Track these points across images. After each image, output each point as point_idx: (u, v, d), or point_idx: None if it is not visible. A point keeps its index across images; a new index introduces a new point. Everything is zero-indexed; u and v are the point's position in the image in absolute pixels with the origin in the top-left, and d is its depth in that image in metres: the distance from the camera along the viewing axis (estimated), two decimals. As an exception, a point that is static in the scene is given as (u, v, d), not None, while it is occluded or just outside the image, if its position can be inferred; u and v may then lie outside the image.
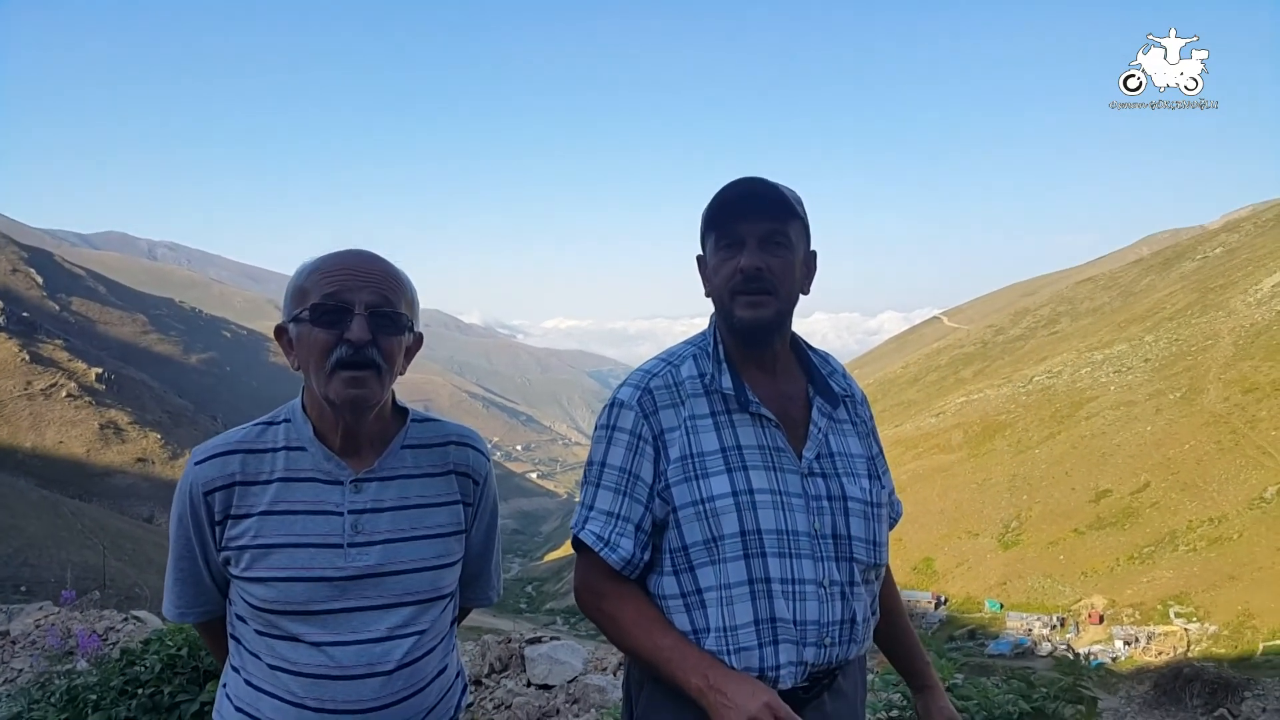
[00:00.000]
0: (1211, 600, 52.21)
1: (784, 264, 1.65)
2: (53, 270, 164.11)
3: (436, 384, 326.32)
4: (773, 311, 1.66)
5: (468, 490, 1.75)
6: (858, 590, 1.67)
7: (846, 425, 1.78)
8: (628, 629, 1.62)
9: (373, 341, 1.52)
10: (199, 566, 1.63)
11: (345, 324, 1.52)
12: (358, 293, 1.53)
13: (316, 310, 1.53)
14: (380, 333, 1.54)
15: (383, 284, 1.57)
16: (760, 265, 1.62)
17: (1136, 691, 10.73)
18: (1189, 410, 75.70)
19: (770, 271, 1.63)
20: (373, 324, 1.53)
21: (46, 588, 37.98)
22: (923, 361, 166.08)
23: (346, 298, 1.53)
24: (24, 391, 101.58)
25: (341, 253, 1.59)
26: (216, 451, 1.60)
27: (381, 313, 1.54)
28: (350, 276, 1.54)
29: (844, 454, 1.73)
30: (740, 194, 1.63)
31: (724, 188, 1.65)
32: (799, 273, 1.70)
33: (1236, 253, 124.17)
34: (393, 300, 1.57)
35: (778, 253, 1.64)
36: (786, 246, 1.65)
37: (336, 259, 1.57)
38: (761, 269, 1.62)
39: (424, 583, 1.62)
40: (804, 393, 1.77)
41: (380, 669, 1.56)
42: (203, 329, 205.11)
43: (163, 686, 3.64)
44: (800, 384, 1.78)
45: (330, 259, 1.58)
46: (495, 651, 6.83)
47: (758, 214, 1.63)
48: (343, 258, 1.57)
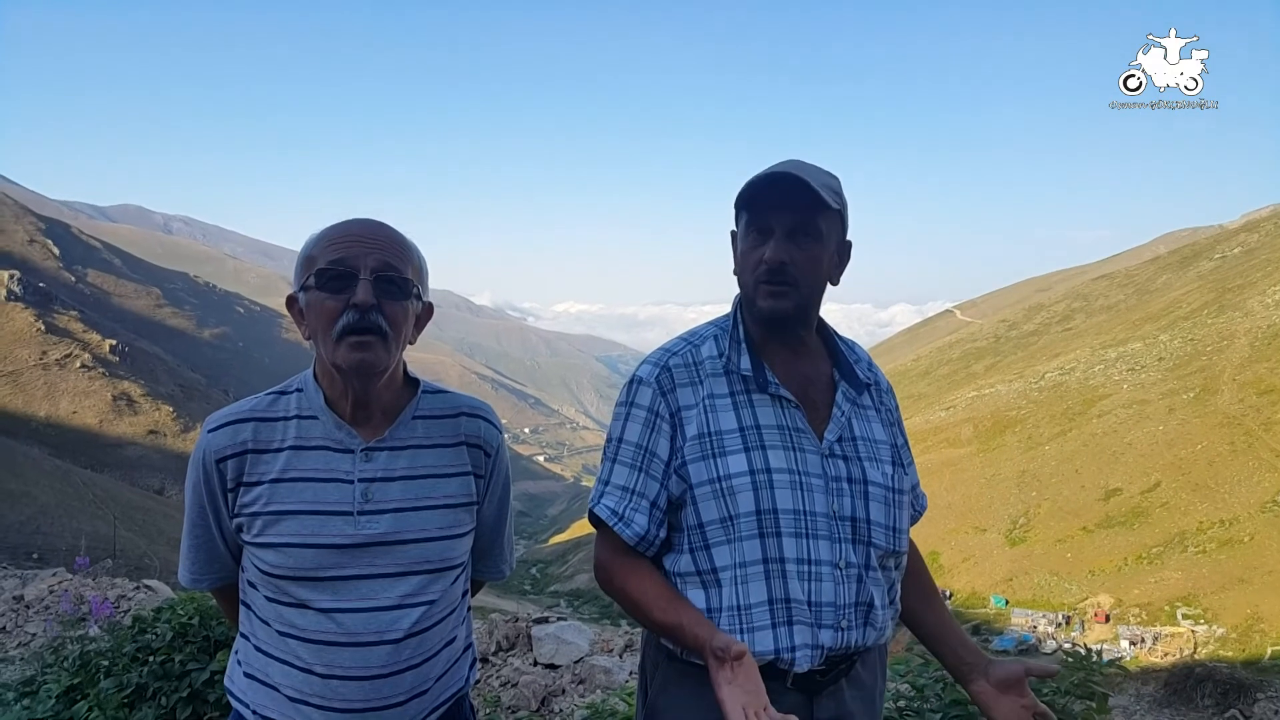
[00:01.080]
0: (1220, 603, 52.07)
1: (810, 257, 1.62)
2: (69, 242, 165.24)
3: (446, 364, 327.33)
4: (792, 304, 1.64)
5: (479, 462, 1.75)
6: (874, 575, 1.65)
7: (871, 411, 1.76)
8: (646, 602, 1.62)
9: (377, 306, 1.53)
10: (213, 533, 1.64)
11: (351, 289, 1.52)
12: (363, 258, 1.54)
13: (323, 276, 1.54)
14: (385, 297, 1.54)
15: (388, 249, 1.57)
16: (785, 259, 1.60)
17: (1146, 690, 10.71)
18: (1202, 411, 75.34)
19: (795, 265, 1.61)
20: (378, 288, 1.53)
21: (58, 555, 38.38)
22: (934, 355, 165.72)
23: (352, 263, 1.53)
24: (39, 361, 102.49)
25: (348, 221, 1.60)
26: (229, 420, 1.62)
27: (387, 277, 1.55)
28: (356, 242, 1.55)
29: (867, 439, 1.71)
30: (773, 182, 1.60)
31: (763, 173, 1.62)
32: (828, 264, 1.67)
33: (1256, 253, 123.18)
34: (398, 266, 1.57)
35: (805, 245, 1.61)
36: (815, 239, 1.62)
37: (343, 227, 1.59)
38: (786, 263, 1.60)
39: (434, 552, 1.63)
40: (828, 376, 1.75)
41: (389, 636, 1.56)
42: (216, 304, 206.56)
43: (174, 654, 3.68)
44: (825, 367, 1.76)
45: (337, 227, 1.59)
46: (503, 630, 6.85)
47: (789, 205, 1.60)
48: (349, 226, 1.59)
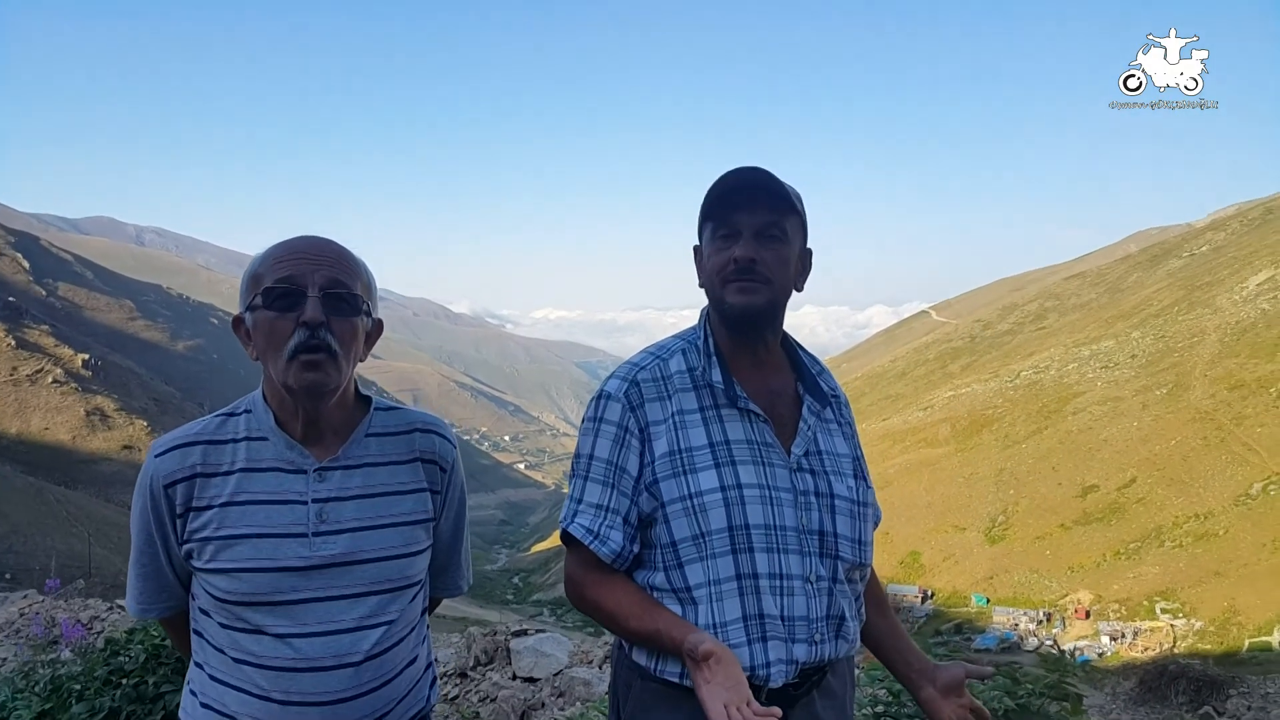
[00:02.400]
0: (1198, 596, 52.67)
1: (779, 257, 1.63)
2: (39, 255, 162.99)
3: (425, 373, 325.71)
4: (764, 299, 1.64)
5: (435, 478, 1.73)
6: (842, 588, 1.66)
7: (834, 425, 1.78)
8: (621, 611, 1.61)
9: (326, 324, 1.50)
10: (161, 561, 1.61)
11: (300, 306, 1.50)
12: (311, 275, 1.51)
13: (270, 294, 1.51)
14: (335, 315, 1.52)
15: (336, 266, 1.55)
16: (754, 256, 1.61)
17: (1122, 688, 10.82)
18: (1175, 406, 76.21)
19: (764, 263, 1.61)
20: (327, 306, 1.51)
21: (31, 575, 37.82)
22: (911, 355, 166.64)
23: (300, 280, 1.51)
24: (10, 377, 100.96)
25: (295, 239, 1.58)
26: (176, 444, 1.58)
27: (335, 294, 1.53)
28: (303, 260, 1.53)
29: (831, 453, 1.72)
30: (739, 184, 1.62)
31: (722, 177, 1.63)
32: (794, 268, 1.69)
33: (1223, 250, 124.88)
34: (346, 282, 1.55)
35: (773, 245, 1.63)
36: (782, 240, 1.63)
37: (289, 245, 1.56)
38: (755, 260, 1.61)
39: (392, 571, 1.61)
40: (793, 390, 1.76)
41: (349, 660, 1.54)
42: (190, 315, 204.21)
43: (147, 677, 3.61)
44: (789, 381, 1.77)
45: (283, 245, 1.56)
46: (481, 644, 6.82)
47: (755, 205, 1.61)
48: (296, 243, 1.56)
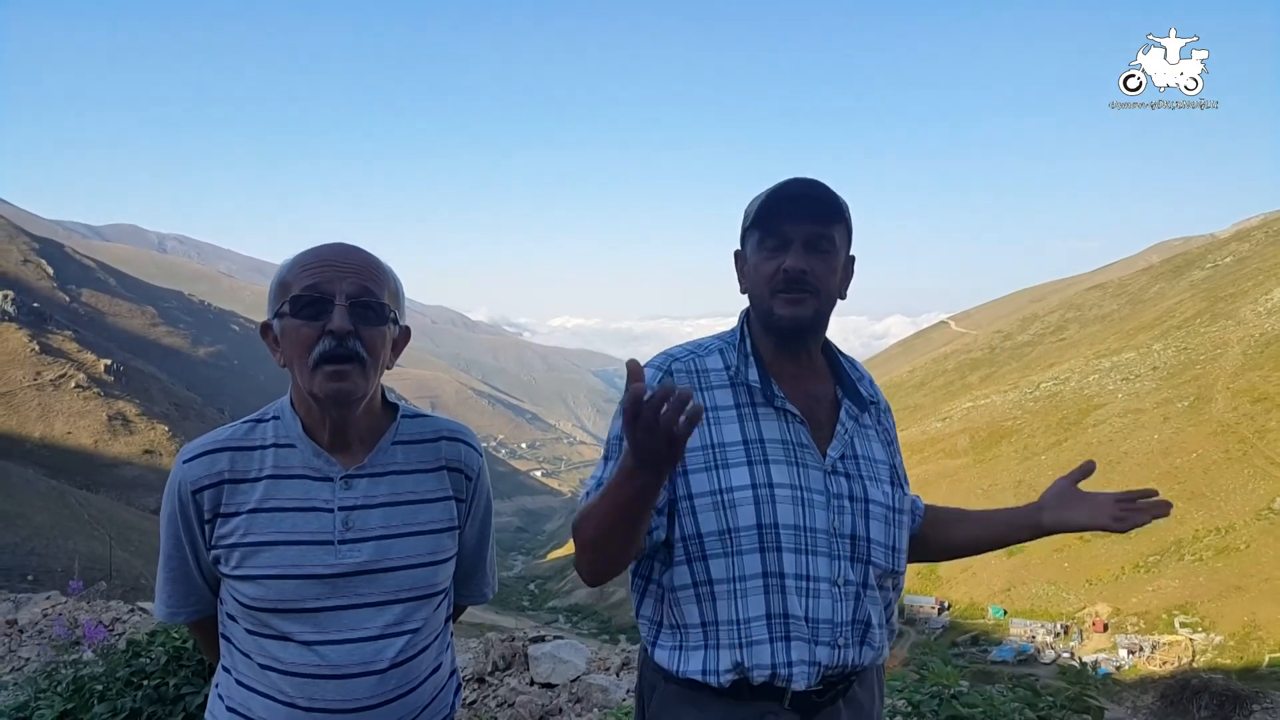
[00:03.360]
0: (1217, 610, 52.07)
1: (827, 267, 1.65)
2: (63, 262, 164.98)
3: (442, 380, 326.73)
4: (812, 311, 1.65)
5: (460, 486, 1.72)
6: (872, 594, 1.66)
7: (871, 431, 1.78)
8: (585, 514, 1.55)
9: (354, 333, 1.50)
10: (189, 565, 1.61)
11: (327, 315, 1.49)
12: (338, 283, 1.51)
13: (297, 303, 1.51)
14: (362, 324, 1.51)
15: (363, 274, 1.54)
16: (804, 268, 1.62)
17: (1142, 702, 10.69)
18: (1197, 419, 75.48)
19: (813, 274, 1.63)
20: (354, 315, 1.50)
21: (53, 577, 38.15)
22: (929, 366, 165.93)
23: (327, 289, 1.50)
24: (33, 381, 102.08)
25: (322, 246, 1.57)
26: (205, 450, 1.58)
27: (363, 303, 1.52)
28: (331, 268, 1.52)
29: (868, 458, 1.72)
30: (789, 194, 1.64)
31: (775, 187, 1.65)
32: (840, 276, 1.71)
33: (1247, 261, 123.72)
34: (374, 290, 1.54)
35: (822, 256, 1.65)
36: (831, 249, 1.66)
37: (316, 252, 1.55)
38: (805, 271, 1.62)
39: (417, 579, 1.60)
40: (832, 395, 1.76)
41: (374, 668, 1.54)
42: (211, 322, 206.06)
43: (168, 678, 3.64)
44: (828, 386, 1.77)
45: (310, 253, 1.55)
46: (499, 650, 6.83)
47: (806, 216, 1.63)
48: (323, 251, 1.55)
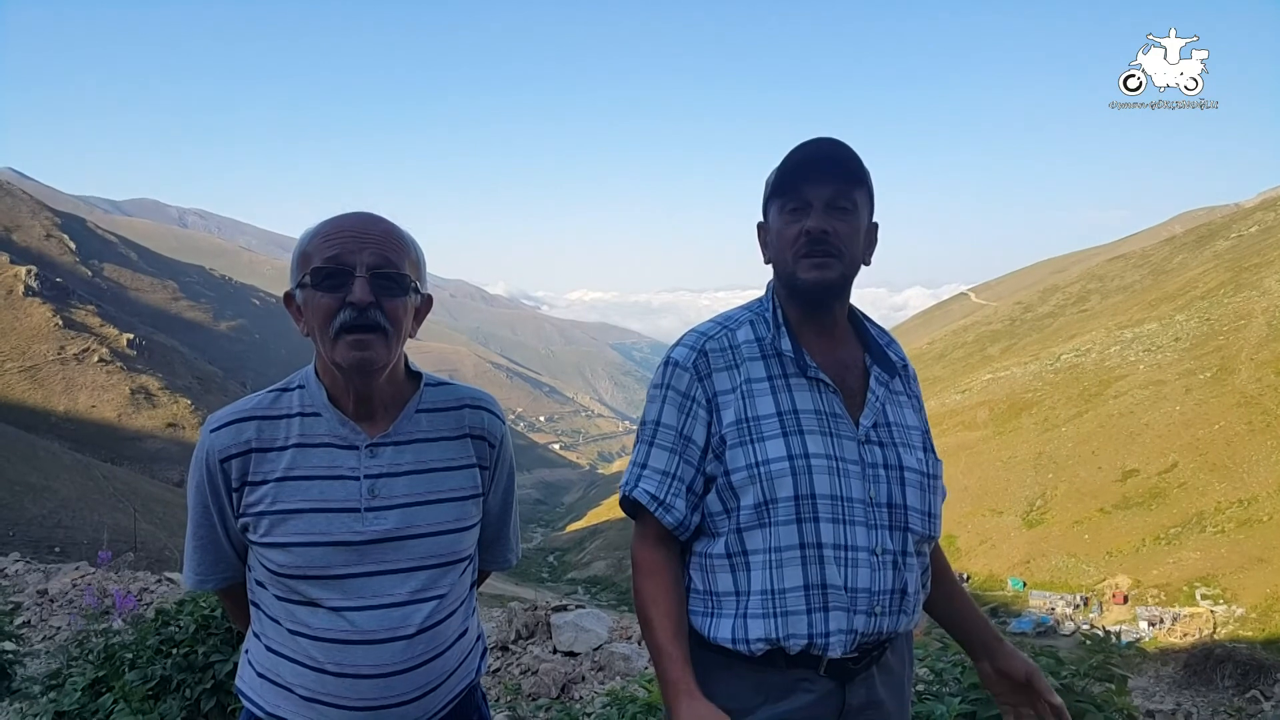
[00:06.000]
0: (1239, 583, 51.81)
1: (850, 228, 1.63)
2: (85, 237, 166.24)
3: (461, 354, 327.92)
4: (837, 274, 1.63)
5: (484, 453, 1.74)
6: (910, 560, 1.65)
7: (903, 397, 1.76)
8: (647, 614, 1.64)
9: (375, 303, 1.50)
10: (217, 533, 1.63)
11: (348, 286, 1.50)
12: (359, 254, 1.51)
13: (318, 274, 1.51)
14: (383, 295, 1.52)
15: (384, 244, 1.54)
16: (827, 228, 1.60)
17: (1165, 671, 10.68)
18: (1219, 390, 74.73)
19: (836, 235, 1.61)
20: (375, 285, 1.51)
21: (80, 549, 38.80)
22: (949, 338, 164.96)
23: (348, 260, 1.50)
24: (57, 356, 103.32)
25: (343, 215, 1.57)
26: (231, 419, 1.60)
27: (384, 274, 1.52)
28: (351, 238, 1.52)
29: (900, 424, 1.71)
30: (808, 156, 1.61)
31: (793, 150, 1.62)
32: (863, 240, 1.68)
33: (1273, 231, 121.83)
34: (395, 261, 1.54)
35: (844, 217, 1.62)
36: (853, 211, 1.63)
37: (337, 222, 1.55)
38: (828, 232, 1.60)
39: (443, 546, 1.62)
40: (861, 361, 1.74)
41: (401, 633, 1.56)
42: (232, 296, 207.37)
43: (197, 647, 3.69)
44: (857, 353, 1.75)
45: (331, 222, 1.56)
46: (522, 619, 6.89)
47: (825, 177, 1.61)
48: (343, 220, 1.55)
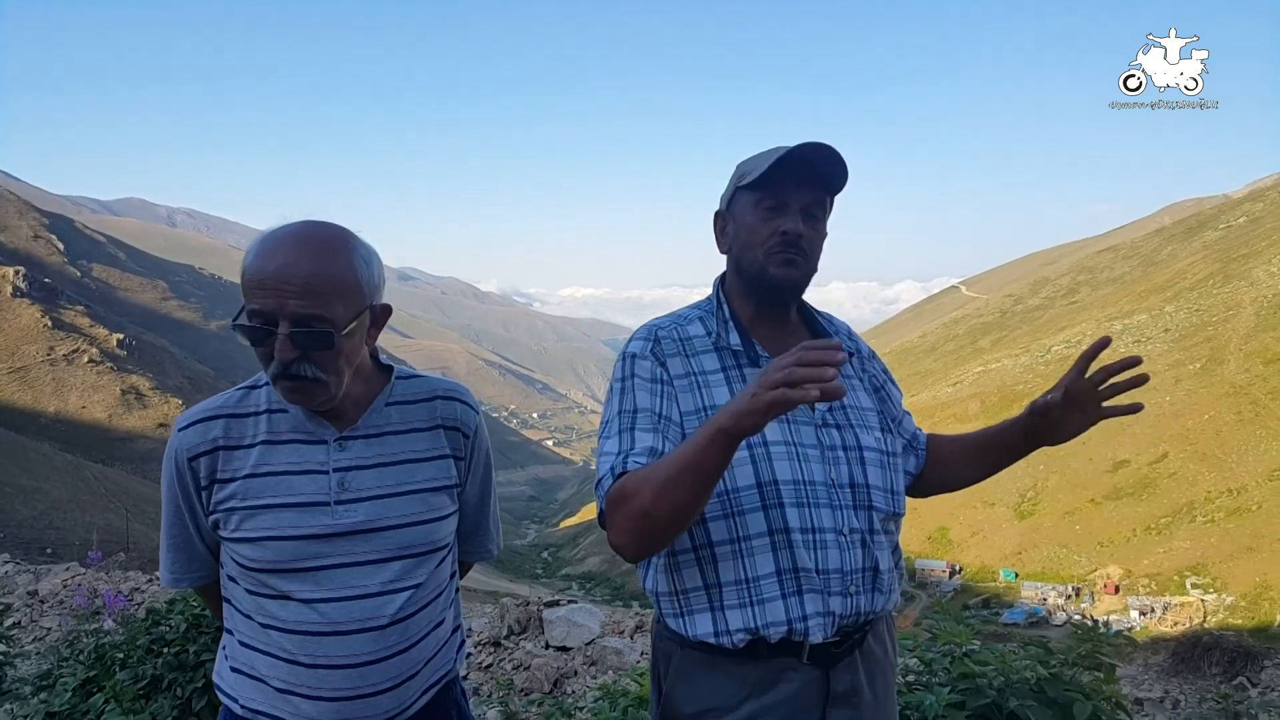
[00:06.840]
0: (1229, 571, 52.16)
1: (818, 235, 1.71)
2: (73, 237, 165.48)
3: (454, 351, 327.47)
4: (802, 274, 1.70)
5: (458, 444, 1.74)
6: (878, 538, 1.67)
7: (855, 380, 1.82)
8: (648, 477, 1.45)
9: (302, 357, 1.46)
10: (190, 531, 1.64)
11: (272, 340, 1.45)
12: (282, 308, 1.43)
13: (244, 330, 1.47)
14: (309, 347, 1.46)
15: (306, 292, 1.43)
16: (801, 233, 1.66)
17: (1155, 660, 10.74)
18: (1209, 381, 75.17)
19: (806, 239, 1.68)
20: (299, 340, 1.45)
21: (71, 549, 38.62)
22: (940, 331, 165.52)
23: (270, 316, 1.44)
24: (47, 357, 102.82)
25: (274, 245, 1.47)
26: (199, 417, 1.60)
27: (306, 330, 1.45)
28: (273, 290, 1.43)
29: (856, 407, 1.75)
30: (799, 159, 1.64)
31: (785, 151, 1.64)
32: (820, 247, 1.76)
33: (1261, 222, 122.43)
34: (319, 308, 1.45)
35: (814, 225, 1.70)
36: (821, 220, 1.71)
37: (262, 262, 1.45)
38: (802, 235, 1.66)
39: (416, 536, 1.63)
40: None
41: (373, 624, 1.57)
42: (222, 295, 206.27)
43: (188, 645, 3.68)
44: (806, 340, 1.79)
45: (261, 257, 1.46)
46: (514, 614, 6.90)
47: (807, 184, 1.67)
48: (269, 260, 1.45)
